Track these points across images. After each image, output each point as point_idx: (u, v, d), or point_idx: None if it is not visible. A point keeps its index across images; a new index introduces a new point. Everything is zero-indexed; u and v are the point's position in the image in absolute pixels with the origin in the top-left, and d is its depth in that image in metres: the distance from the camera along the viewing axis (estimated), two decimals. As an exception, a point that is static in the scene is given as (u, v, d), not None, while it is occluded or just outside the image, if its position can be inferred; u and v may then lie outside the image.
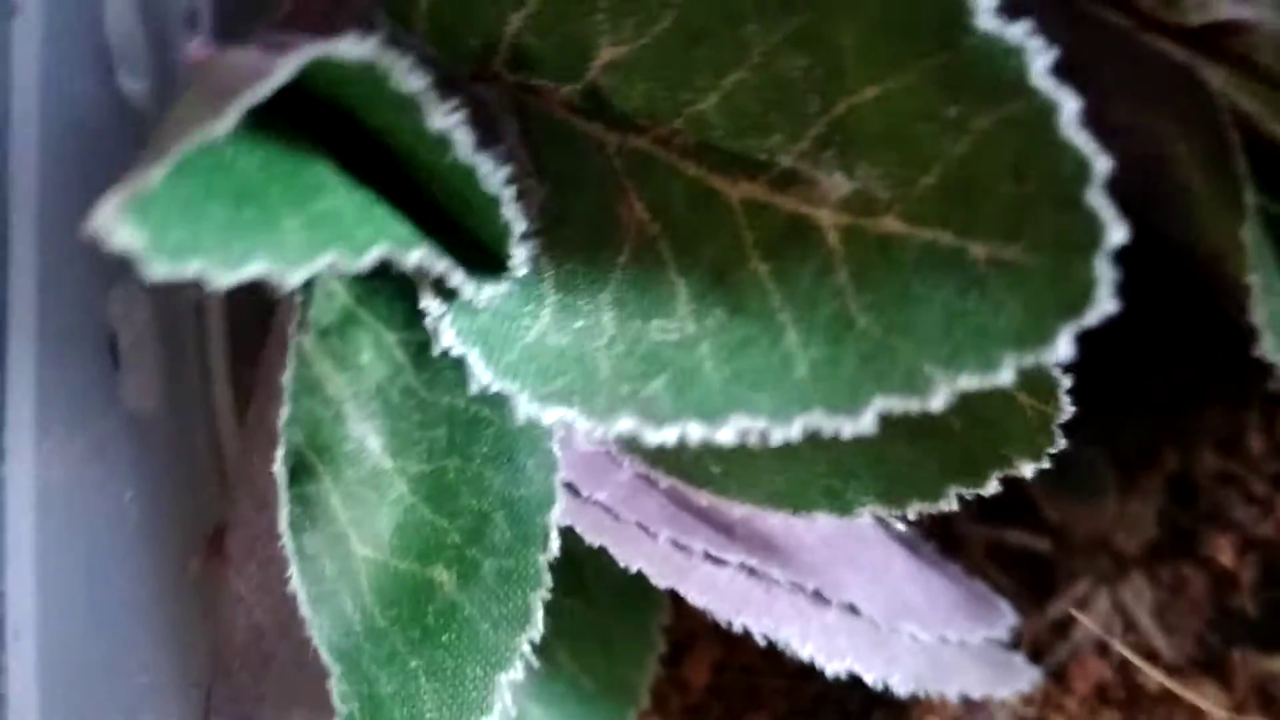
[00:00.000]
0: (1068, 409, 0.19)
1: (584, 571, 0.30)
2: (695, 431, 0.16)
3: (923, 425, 0.22)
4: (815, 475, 0.23)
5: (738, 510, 0.25)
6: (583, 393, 0.19)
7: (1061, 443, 0.20)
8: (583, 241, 0.20)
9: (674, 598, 0.33)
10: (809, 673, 0.34)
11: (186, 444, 0.30)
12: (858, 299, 0.16)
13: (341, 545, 0.24)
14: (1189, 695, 0.35)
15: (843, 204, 0.16)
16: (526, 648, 0.23)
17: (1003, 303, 0.14)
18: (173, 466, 0.29)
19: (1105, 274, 0.14)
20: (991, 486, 0.22)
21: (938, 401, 0.14)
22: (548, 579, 0.23)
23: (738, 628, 0.25)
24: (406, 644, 0.23)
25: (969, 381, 0.14)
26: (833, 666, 0.25)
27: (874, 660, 0.26)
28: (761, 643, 0.25)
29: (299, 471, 0.24)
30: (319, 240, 0.17)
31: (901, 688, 0.26)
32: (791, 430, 0.16)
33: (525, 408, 0.20)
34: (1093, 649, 0.36)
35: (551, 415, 0.19)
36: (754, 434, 0.16)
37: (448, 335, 0.21)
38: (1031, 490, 0.36)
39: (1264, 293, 0.24)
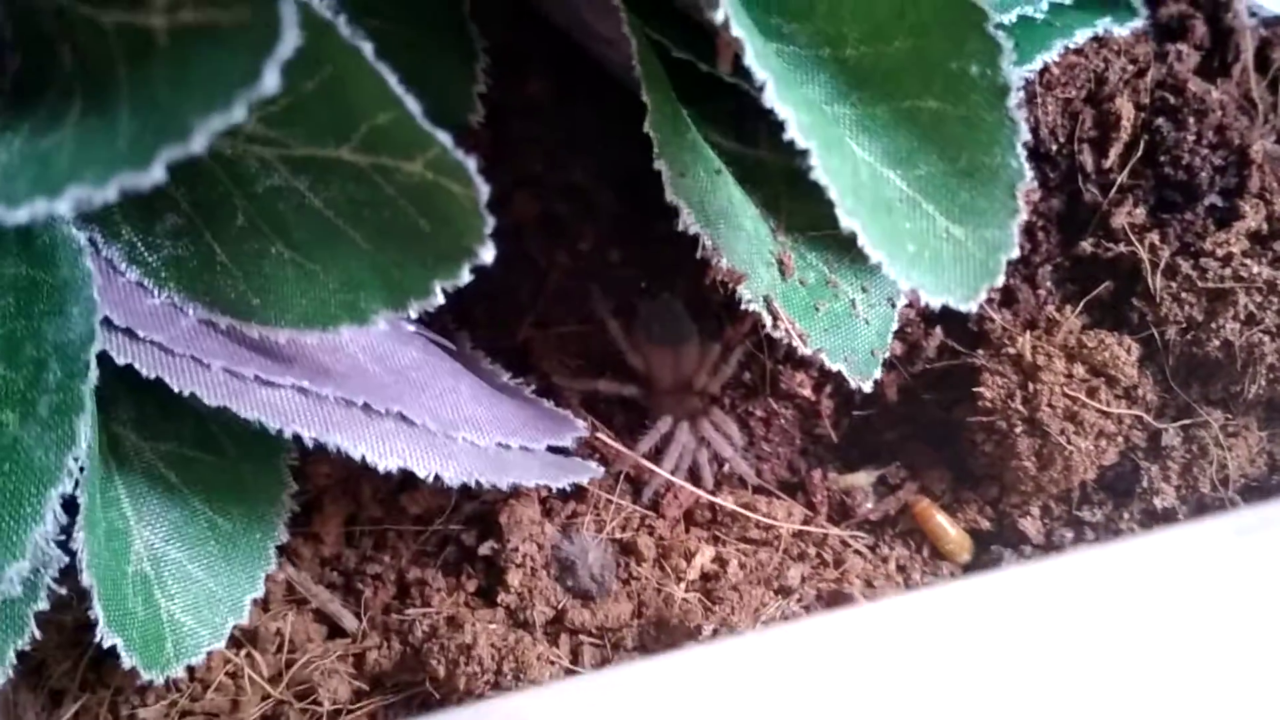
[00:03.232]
0: (484, 188, 0.24)
1: (211, 428, 0.33)
2: (42, 206, 0.20)
3: (404, 230, 0.26)
4: (331, 292, 0.27)
5: (283, 336, 0.28)
6: None
7: (492, 220, 0.24)
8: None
9: (300, 466, 0.36)
10: (429, 519, 0.39)
11: None
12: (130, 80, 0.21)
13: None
14: (756, 515, 0.41)
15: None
16: (73, 464, 0.26)
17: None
18: None
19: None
20: (465, 276, 0.26)
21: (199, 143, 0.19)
22: (90, 405, 0.26)
23: (288, 434, 0.28)
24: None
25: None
26: (385, 463, 0.29)
27: (428, 459, 0.30)
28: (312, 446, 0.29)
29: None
30: None
31: (454, 480, 0.30)
32: (109, 192, 0.20)
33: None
34: (686, 480, 0.41)
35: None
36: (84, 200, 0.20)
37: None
38: (618, 342, 0.41)
39: (672, 178, 0.31)
